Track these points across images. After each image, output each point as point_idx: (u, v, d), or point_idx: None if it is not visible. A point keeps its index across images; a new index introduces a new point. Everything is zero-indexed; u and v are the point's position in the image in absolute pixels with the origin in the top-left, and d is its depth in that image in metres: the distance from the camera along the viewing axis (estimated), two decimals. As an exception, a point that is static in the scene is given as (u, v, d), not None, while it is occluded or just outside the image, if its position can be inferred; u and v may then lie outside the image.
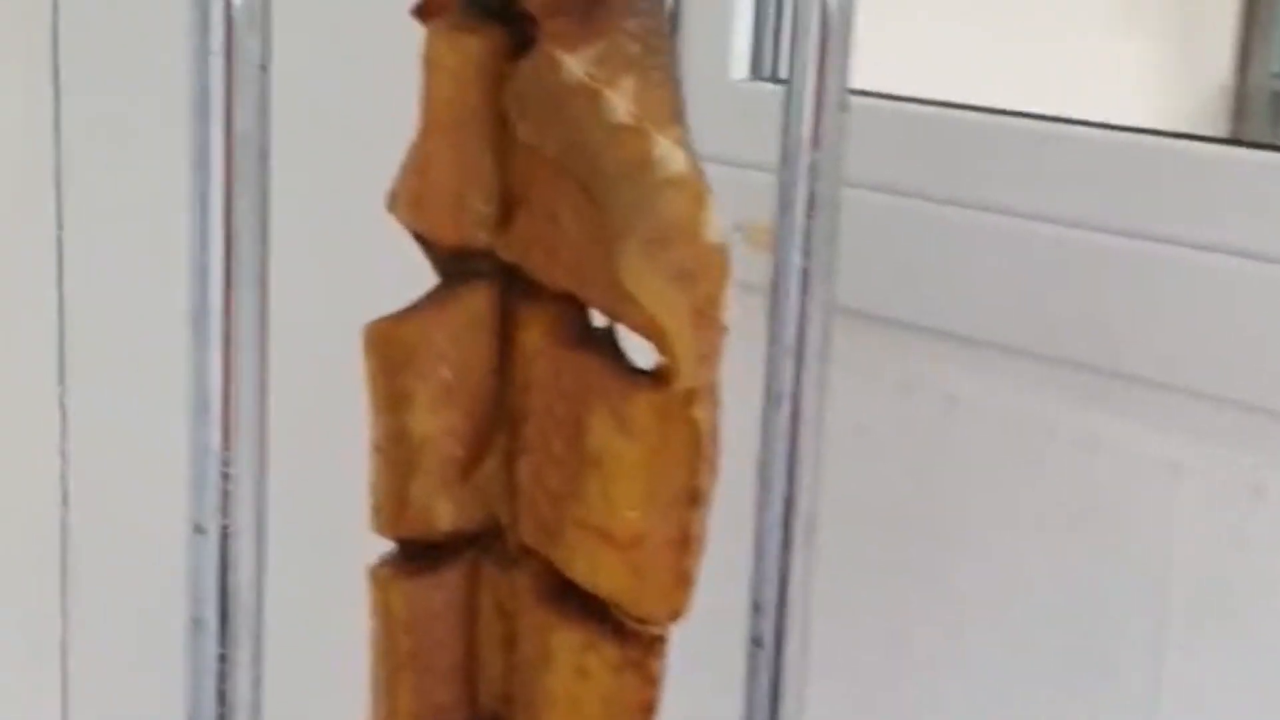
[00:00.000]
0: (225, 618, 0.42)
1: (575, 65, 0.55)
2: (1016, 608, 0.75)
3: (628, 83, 0.55)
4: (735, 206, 0.61)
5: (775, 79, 0.88)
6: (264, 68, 0.40)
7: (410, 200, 0.64)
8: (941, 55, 1.16)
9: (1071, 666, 0.74)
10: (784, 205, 0.52)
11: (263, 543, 0.42)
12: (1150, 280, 0.72)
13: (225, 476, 0.41)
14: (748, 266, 0.58)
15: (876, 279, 0.81)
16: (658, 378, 0.59)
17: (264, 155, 0.40)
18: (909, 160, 0.85)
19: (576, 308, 0.63)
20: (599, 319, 0.63)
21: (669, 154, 0.56)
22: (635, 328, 0.59)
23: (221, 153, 0.39)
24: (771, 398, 0.54)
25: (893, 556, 0.80)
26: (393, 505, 0.67)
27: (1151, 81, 1.56)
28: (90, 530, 1.31)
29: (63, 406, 1.32)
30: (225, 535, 0.42)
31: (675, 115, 0.56)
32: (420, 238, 0.66)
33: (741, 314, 0.58)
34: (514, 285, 0.65)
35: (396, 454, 0.67)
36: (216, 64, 0.39)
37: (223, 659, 0.43)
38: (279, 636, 0.49)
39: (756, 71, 0.87)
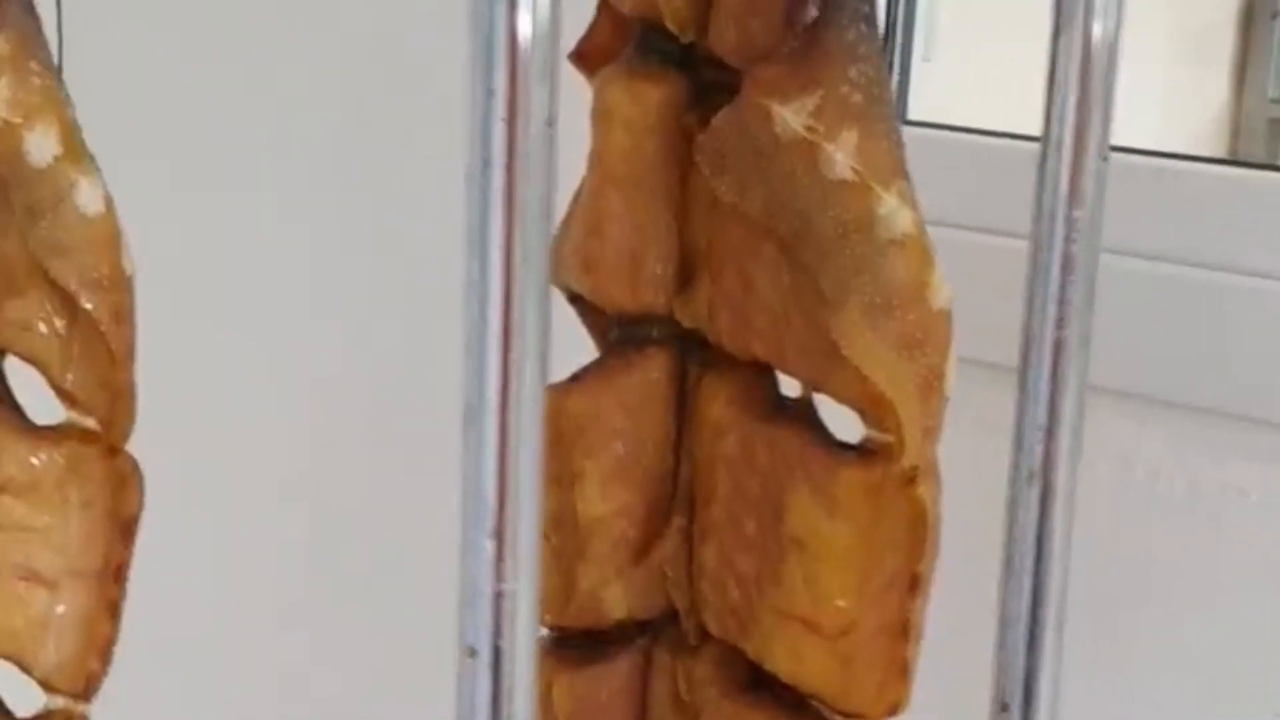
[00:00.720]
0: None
1: (791, 117, 0.51)
2: (1204, 676, 0.70)
3: (849, 136, 0.51)
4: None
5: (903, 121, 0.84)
6: (551, 124, 0.35)
7: (580, 262, 0.59)
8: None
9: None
10: (1038, 269, 0.48)
11: (535, 665, 0.38)
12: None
13: (499, 594, 0.36)
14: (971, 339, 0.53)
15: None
16: (868, 453, 0.55)
17: (549, 223, 0.36)
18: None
19: (766, 377, 0.59)
20: (788, 388, 0.59)
21: (894, 212, 0.51)
22: (847, 399, 0.54)
23: (503, 222, 0.35)
24: (1021, 477, 0.49)
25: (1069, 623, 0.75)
26: (557, 593, 0.62)
27: (1154, 106, 1.53)
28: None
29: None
30: (498, 658, 0.37)
31: (899, 169, 0.51)
32: (583, 302, 0.61)
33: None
34: (692, 353, 0.60)
35: (561, 537, 0.62)
36: (499, 116, 0.34)
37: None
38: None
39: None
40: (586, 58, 0.61)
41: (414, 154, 0.96)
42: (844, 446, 0.56)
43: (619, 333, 0.60)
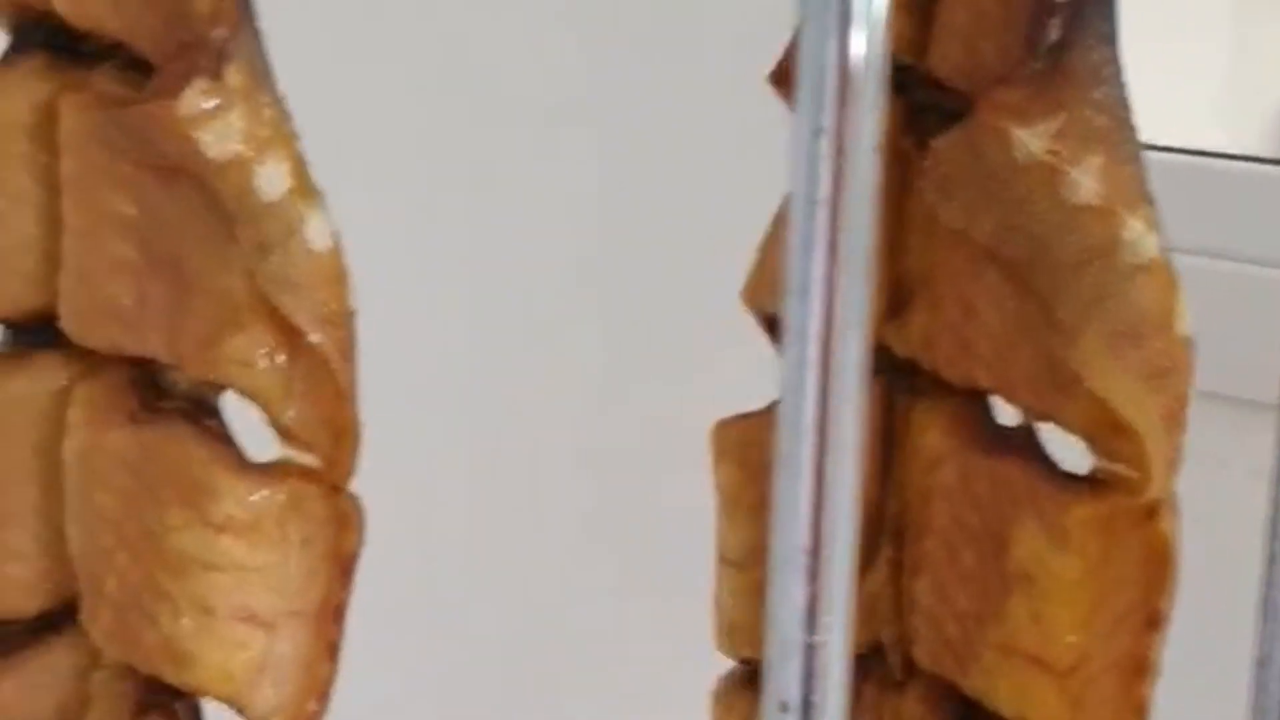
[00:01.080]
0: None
1: (1031, 141, 0.49)
2: None
3: (1095, 160, 0.49)
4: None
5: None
6: (879, 150, 0.34)
7: (788, 290, 0.58)
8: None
9: None
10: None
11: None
12: None
13: (812, 646, 0.35)
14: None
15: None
16: (1100, 485, 0.53)
17: (871, 257, 0.34)
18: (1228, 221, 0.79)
19: (982, 406, 0.57)
20: (1005, 417, 0.57)
21: (1140, 238, 0.50)
22: (1080, 429, 0.53)
23: (824, 255, 0.33)
24: (1282, 512, 0.48)
25: (1208, 649, 0.73)
26: (759, 627, 0.61)
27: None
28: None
29: None
30: (809, 713, 0.35)
31: (1144, 194, 0.50)
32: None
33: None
34: (900, 381, 0.59)
35: (761, 570, 0.60)
36: (826, 145, 0.33)
37: None
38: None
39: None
40: (786, 81, 0.60)
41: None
42: (1073, 478, 0.54)
43: (825, 361, 0.59)
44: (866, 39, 0.32)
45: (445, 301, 0.94)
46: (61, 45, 0.53)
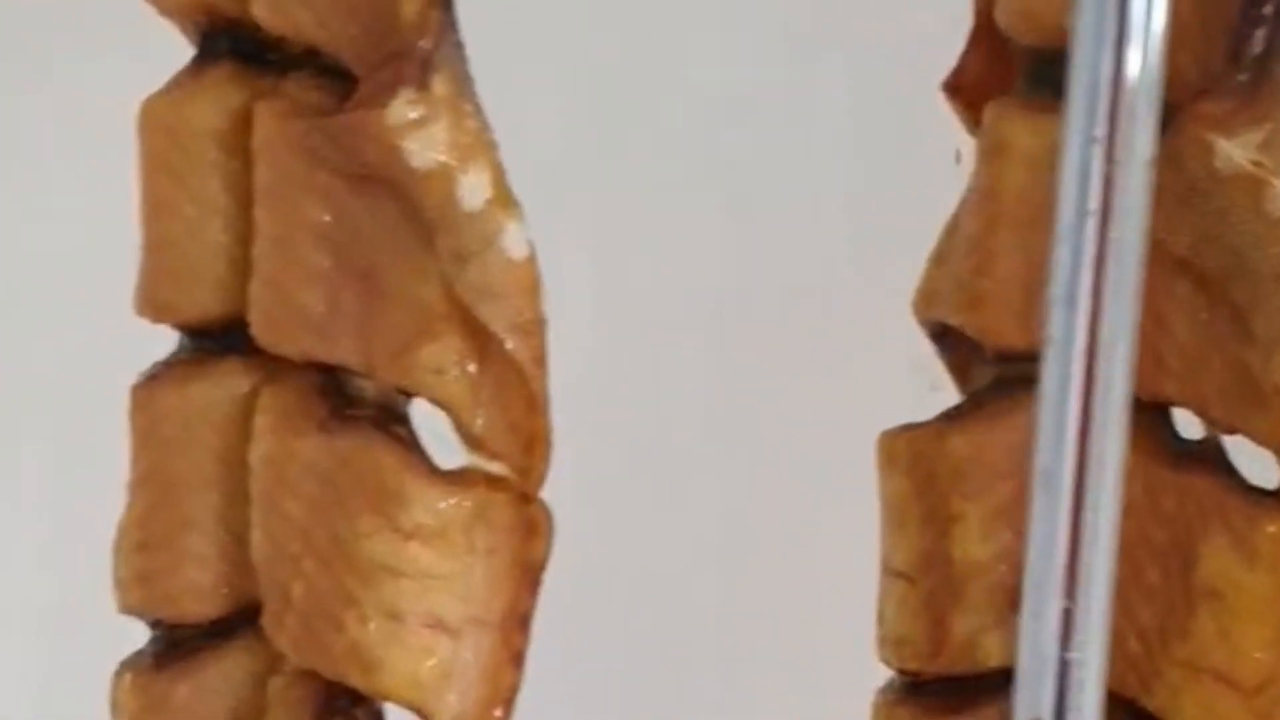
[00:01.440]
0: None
1: (1235, 152, 0.49)
2: None
3: (1304, 171, 0.49)
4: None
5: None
6: (1152, 164, 0.33)
7: (966, 299, 0.57)
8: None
9: None
10: None
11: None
12: None
13: (1067, 662, 0.35)
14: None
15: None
16: (1295, 500, 0.53)
17: (1141, 269, 0.34)
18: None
19: (1166, 419, 0.57)
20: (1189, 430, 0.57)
21: (1344, 251, 0.49)
22: (1276, 443, 0.52)
23: (1092, 266, 0.33)
24: None
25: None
26: (928, 639, 0.60)
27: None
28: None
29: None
30: (1062, 732, 0.35)
31: (1348, 206, 0.49)
32: (953, 337, 0.60)
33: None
34: (1079, 394, 0.58)
35: (931, 582, 0.60)
36: (1098, 156, 0.32)
37: None
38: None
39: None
40: (961, 90, 0.59)
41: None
42: (1263, 493, 0.54)
43: (1001, 371, 0.58)
44: (1143, 52, 0.32)
45: (605, 308, 0.94)
46: (248, 53, 0.54)
